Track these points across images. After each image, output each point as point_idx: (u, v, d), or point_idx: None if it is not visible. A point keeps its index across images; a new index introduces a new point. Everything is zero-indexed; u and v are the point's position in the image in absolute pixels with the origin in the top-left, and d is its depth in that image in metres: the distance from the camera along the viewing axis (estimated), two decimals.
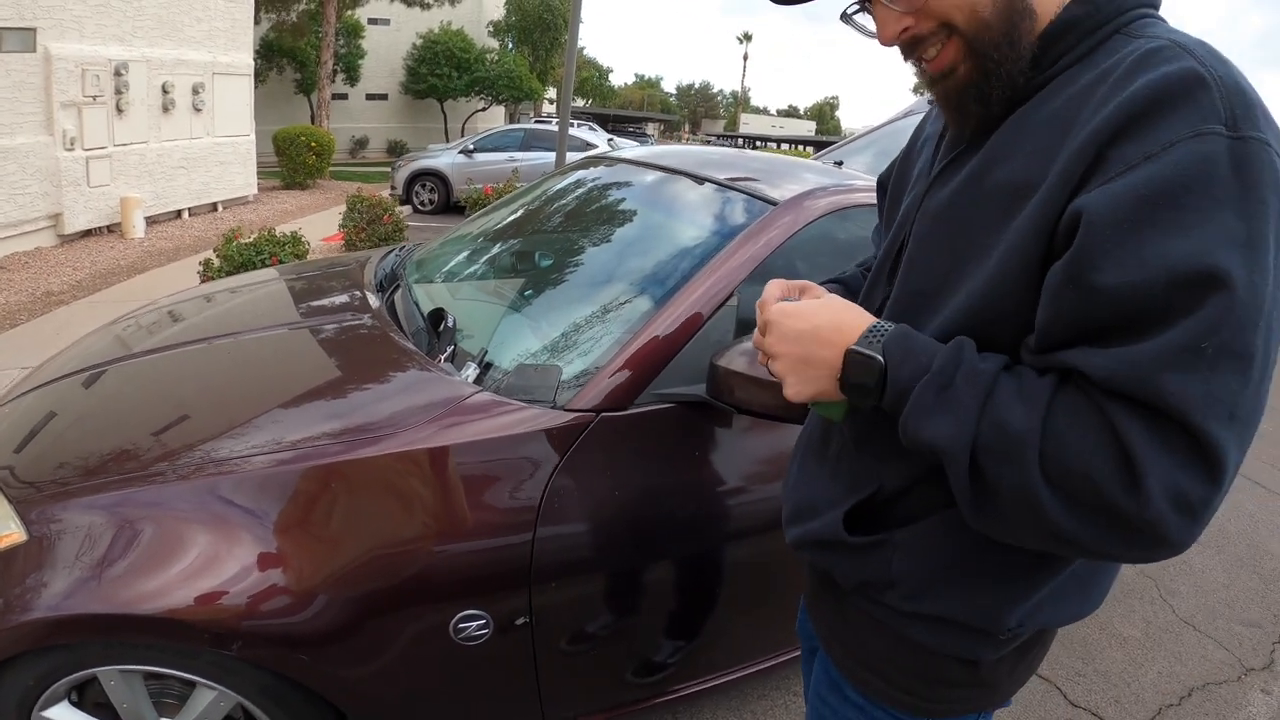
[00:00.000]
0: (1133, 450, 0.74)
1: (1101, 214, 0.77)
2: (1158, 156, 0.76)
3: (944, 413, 0.84)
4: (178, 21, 11.91)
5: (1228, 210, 0.74)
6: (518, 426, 1.76)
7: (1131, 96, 0.80)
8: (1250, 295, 0.73)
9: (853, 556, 1.06)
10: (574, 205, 2.94)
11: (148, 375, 2.21)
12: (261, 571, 1.54)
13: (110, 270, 8.42)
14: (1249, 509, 5.04)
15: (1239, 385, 0.74)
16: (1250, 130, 0.76)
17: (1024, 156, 0.89)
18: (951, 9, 0.90)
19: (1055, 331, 0.82)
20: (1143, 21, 0.91)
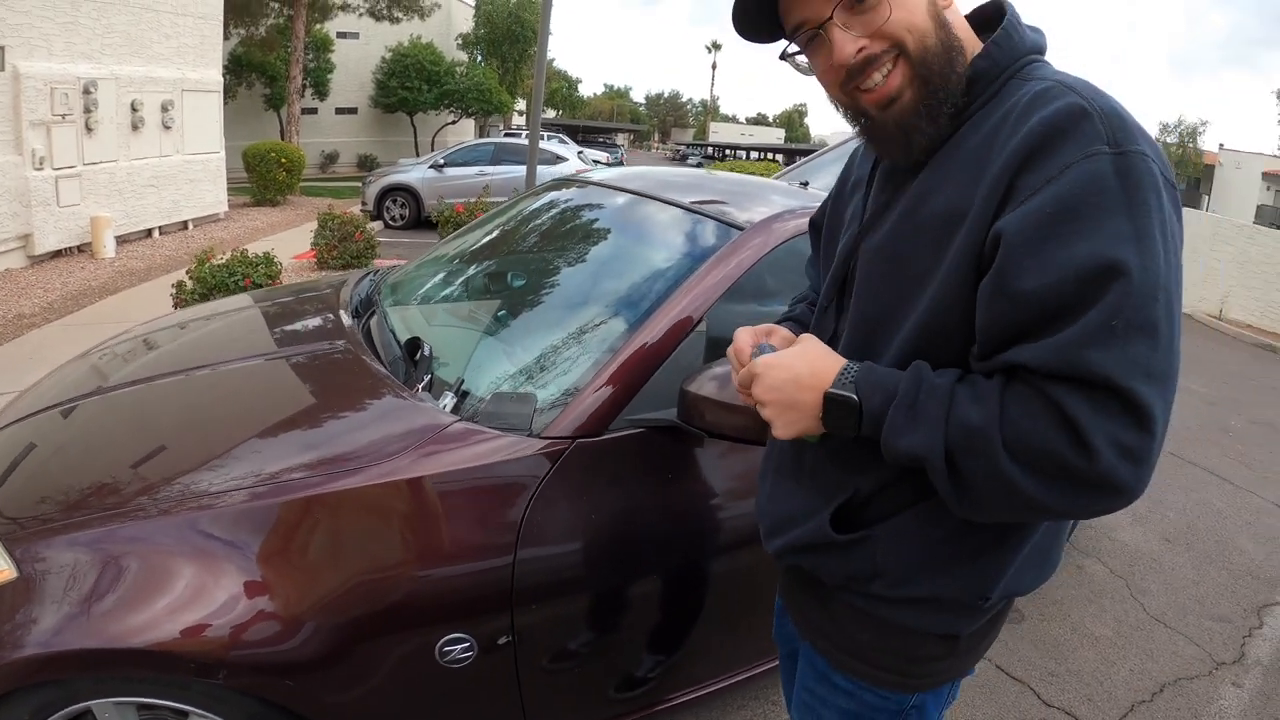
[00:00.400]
0: (1076, 418, 0.89)
1: (1016, 232, 0.94)
2: (1057, 179, 0.93)
3: (916, 427, 0.99)
4: (146, 38, 11.84)
5: (1118, 214, 0.91)
6: (495, 455, 1.80)
7: (1030, 131, 0.96)
8: (1144, 277, 0.89)
9: (839, 554, 1.18)
10: (545, 230, 2.98)
11: (126, 408, 2.22)
12: (245, 602, 1.57)
13: (82, 291, 8.35)
14: (1217, 505, 5.17)
15: (1149, 349, 0.89)
16: (1129, 145, 0.93)
17: (951, 190, 1.04)
18: (904, 31, 1.04)
19: (993, 334, 0.97)
20: (1031, 66, 1.09)
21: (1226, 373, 9.85)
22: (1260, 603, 3.96)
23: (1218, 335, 13.07)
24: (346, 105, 32.41)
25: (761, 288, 2.17)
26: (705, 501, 2.06)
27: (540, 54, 9.72)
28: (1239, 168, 42.25)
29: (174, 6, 12.41)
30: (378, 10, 27.56)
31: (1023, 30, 1.11)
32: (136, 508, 1.68)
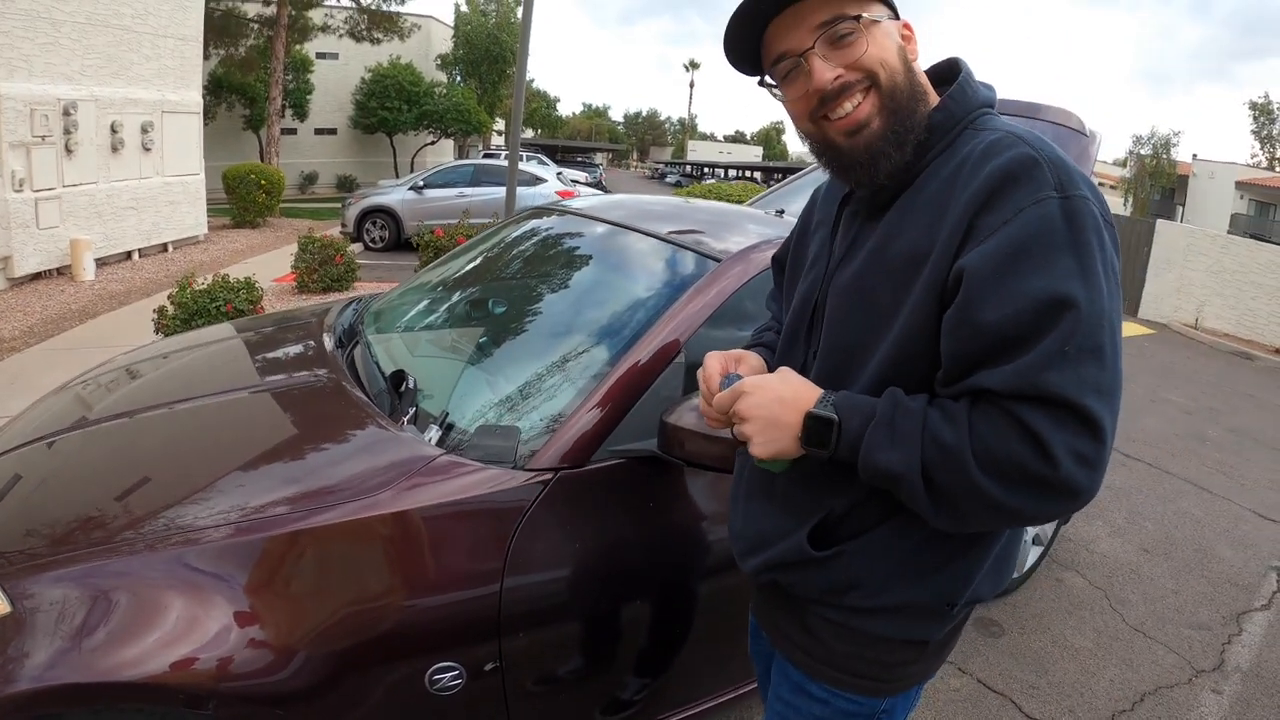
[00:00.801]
0: (1039, 432, 0.99)
1: (977, 269, 1.04)
2: (1012, 220, 1.04)
3: (894, 446, 1.08)
4: (127, 59, 11.84)
5: (1067, 253, 1.02)
6: (480, 488, 1.83)
7: (987, 177, 1.08)
8: (1091, 308, 1.01)
9: (816, 569, 1.26)
10: (525, 259, 3.01)
11: (111, 441, 2.22)
12: (234, 634, 1.57)
13: (62, 315, 8.32)
14: (1195, 514, 5.23)
15: (1098, 369, 1.00)
16: (1073, 190, 1.05)
17: (914, 233, 1.15)
18: (877, 65, 1.16)
19: (958, 360, 1.07)
20: (983, 118, 1.21)
21: (1203, 382, 9.96)
22: (1239, 609, 4.02)
23: (1194, 344, 13.22)
24: (326, 126, 32.42)
25: (740, 317, 2.20)
26: (686, 529, 2.11)
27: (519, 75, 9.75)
28: (1212, 177, 42.79)
29: (154, 28, 12.43)
30: (357, 31, 27.59)
31: (975, 86, 1.24)
32: (123, 542, 1.68)
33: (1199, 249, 14.92)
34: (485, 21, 38.12)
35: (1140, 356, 11.20)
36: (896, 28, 1.20)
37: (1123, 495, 5.39)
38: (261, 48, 25.25)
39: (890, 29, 1.18)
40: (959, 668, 3.24)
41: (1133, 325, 14.25)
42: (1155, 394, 8.71)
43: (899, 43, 1.19)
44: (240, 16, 24.93)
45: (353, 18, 27.39)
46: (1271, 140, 47.68)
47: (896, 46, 1.18)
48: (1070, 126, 3.23)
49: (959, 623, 1.36)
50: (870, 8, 1.17)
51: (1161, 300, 15.20)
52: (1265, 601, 4.15)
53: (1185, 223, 31.76)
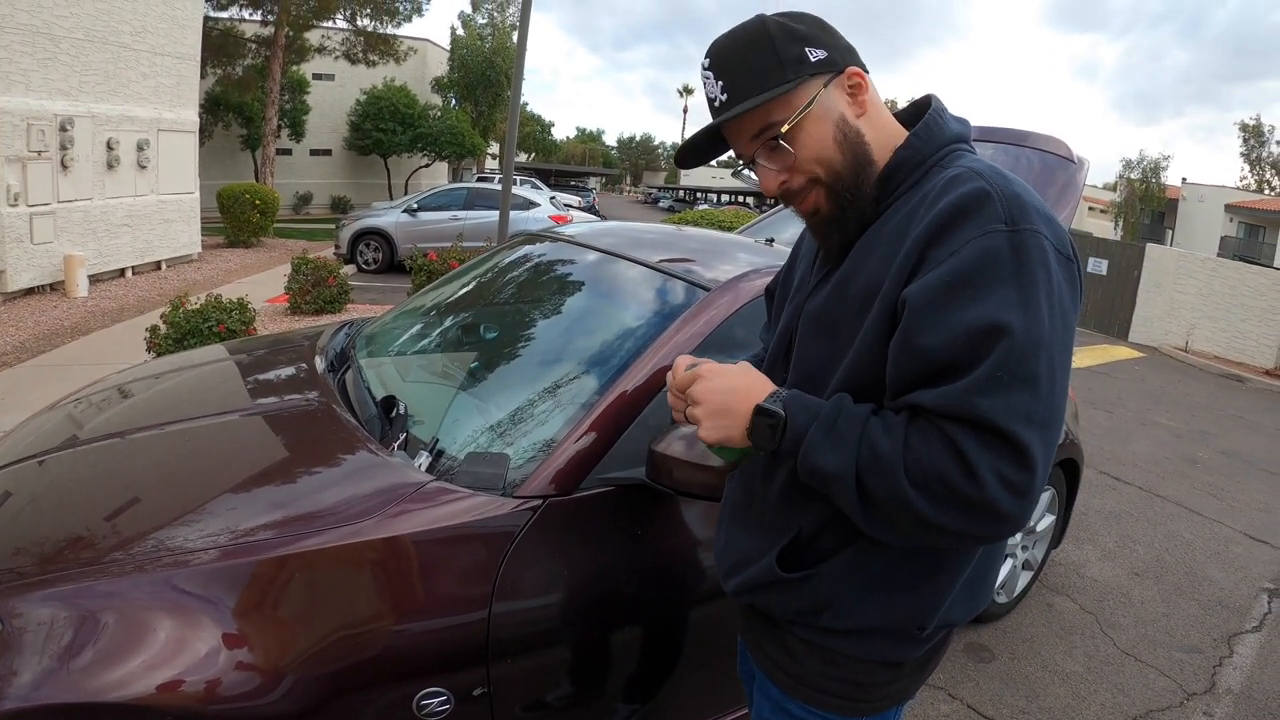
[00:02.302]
0: (966, 452, 1.02)
1: (918, 298, 1.08)
2: (958, 252, 1.07)
3: (832, 447, 1.11)
4: (124, 76, 11.89)
5: (1008, 283, 1.04)
6: (469, 514, 1.83)
7: (939, 212, 1.11)
8: (1027, 337, 1.02)
9: (788, 591, 1.29)
10: (517, 285, 3.02)
11: (101, 461, 2.22)
12: (222, 657, 1.57)
13: (54, 331, 8.31)
14: (1186, 537, 5.24)
15: (1031, 397, 1.02)
16: (1024, 224, 1.07)
17: (873, 266, 1.19)
18: (814, 167, 1.22)
19: (899, 383, 1.10)
20: (953, 155, 1.24)
21: (1193, 404, 10.00)
22: (1230, 632, 4.02)
23: (1185, 367, 13.28)
24: (321, 147, 32.53)
25: (730, 345, 2.21)
26: (675, 557, 2.11)
27: (514, 99, 9.82)
28: (1202, 201, 43.00)
29: (152, 45, 12.49)
30: (353, 53, 27.74)
31: (944, 122, 1.27)
32: (112, 562, 1.68)
33: (1189, 272, 15.02)
34: (481, 45, 38.34)
35: (1131, 380, 11.25)
36: (836, 95, 1.21)
37: (1113, 519, 5.40)
38: (259, 68, 25.37)
39: (826, 108, 1.21)
40: (949, 693, 3.24)
41: (1123, 349, 14.32)
42: (1145, 417, 8.74)
43: (838, 117, 1.21)
44: (238, 36, 25.08)
45: (349, 39, 27.55)
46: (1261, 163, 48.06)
47: (833, 128, 1.21)
48: (1058, 154, 3.25)
49: (936, 645, 1.37)
50: (800, 95, 1.20)
51: (1152, 323, 15.28)
52: (1256, 623, 4.16)
53: (1175, 246, 31.95)
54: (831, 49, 1.21)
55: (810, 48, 1.19)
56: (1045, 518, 3.91)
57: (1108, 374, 11.52)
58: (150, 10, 12.34)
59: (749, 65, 1.19)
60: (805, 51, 1.19)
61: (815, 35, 1.20)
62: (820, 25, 1.23)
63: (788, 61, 1.18)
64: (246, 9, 24.18)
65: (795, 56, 1.18)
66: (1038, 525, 3.85)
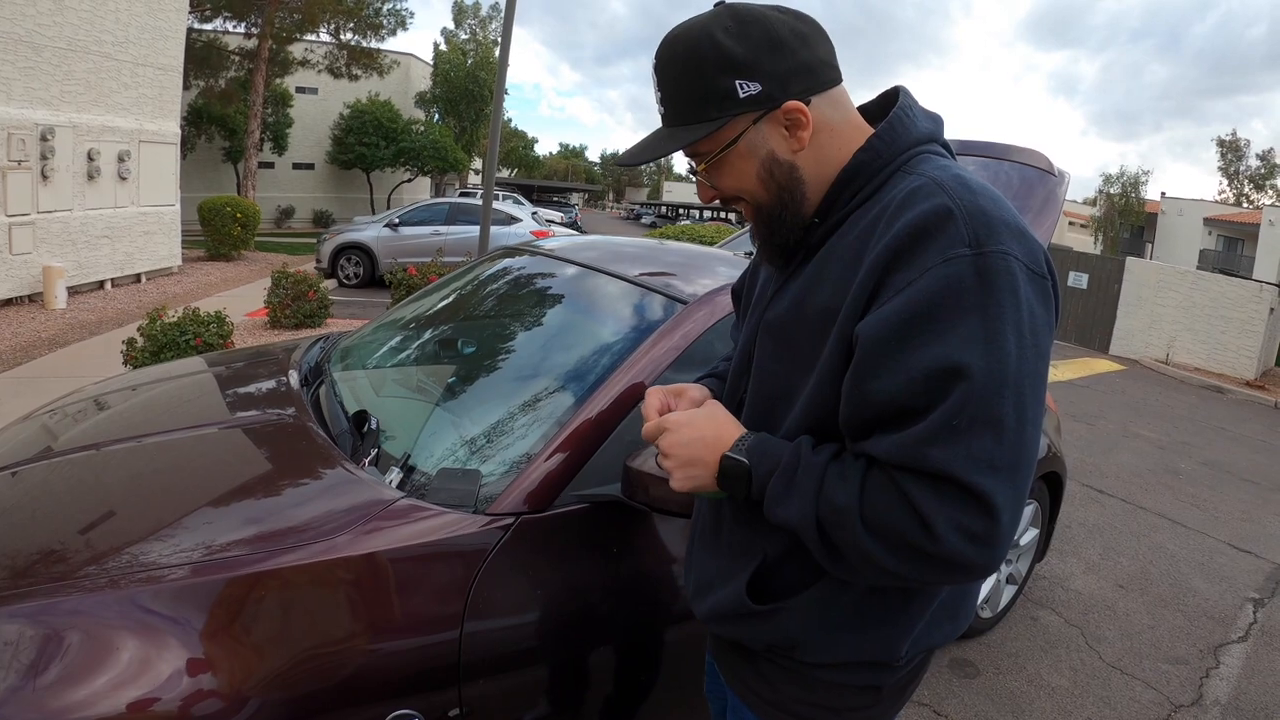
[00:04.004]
0: (920, 507, 0.97)
1: (871, 336, 1.01)
2: (915, 283, 0.99)
3: (791, 500, 1.08)
4: (106, 87, 11.82)
5: (971, 316, 0.97)
6: (440, 532, 1.79)
7: (896, 234, 1.02)
8: (988, 378, 0.96)
9: (757, 624, 1.24)
10: (493, 301, 3.00)
11: (76, 473, 2.18)
12: (192, 676, 1.53)
13: (32, 343, 8.22)
14: (1170, 549, 5.25)
15: (994, 443, 0.96)
16: (991, 245, 0.99)
17: (830, 286, 1.12)
18: (738, 191, 1.19)
19: (851, 426, 1.06)
20: (918, 159, 1.14)
21: (1175, 416, 10.06)
22: (1216, 642, 4.02)
23: (1166, 380, 13.37)
24: (304, 160, 32.44)
25: (708, 359, 2.18)
26: (650, 574, 2.07)
27: (495, 114, 9.82)
28: (1181, 214, 43.42)
29: (134, 56, 12.43)
30: (337, 67, 27.73)
31: (912, 120, 1.17)
32: (83, 577, 1.64)
33: (1169, 285, 15.15)
34: (464, 60, 38.39)
35: (1112, 392, 11.30)
36: (767, 132, 1.14)
37: (1097, 531, 5.41)
38: (242, 80, 25.35)
39: (752, 146, 1.14)
40: (934, 710, 3.21)
41: (1104, 362, 14.41)
42: (1127, 429, 8.78)
43: (765, 155, 1.14)
44: (221, 48, 25.03)
45: (333, 53, 27.54)
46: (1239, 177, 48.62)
47: (758, 166, 1.15)
48: (1038, 166, 3.25)
49: (915, 668, 1.34)
50: (725, 132, 1.14)
51: (1133, 336, 15.39)
52: (1242, 634, 4.16)
53: (1155, 260, 32.23)
54: (770, 78, 1.10)
55: (743, 80, 1.10)
56: (1029, 531, 3.90)
57: (1089, 387, 11.58)
58: (133, 20, 12.28)
59: (681, 88, 1.14)
60: (735, 86, 1.10)
61: (754, 61, 1.10)
62: (770, 41, 1.10)
63: (714, 97, 1.11)
64: (230, 21, 24.15)
65: (723, 91, 1.10)
66: (1021, 539, 3.84)
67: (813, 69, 1.12)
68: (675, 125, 1.16)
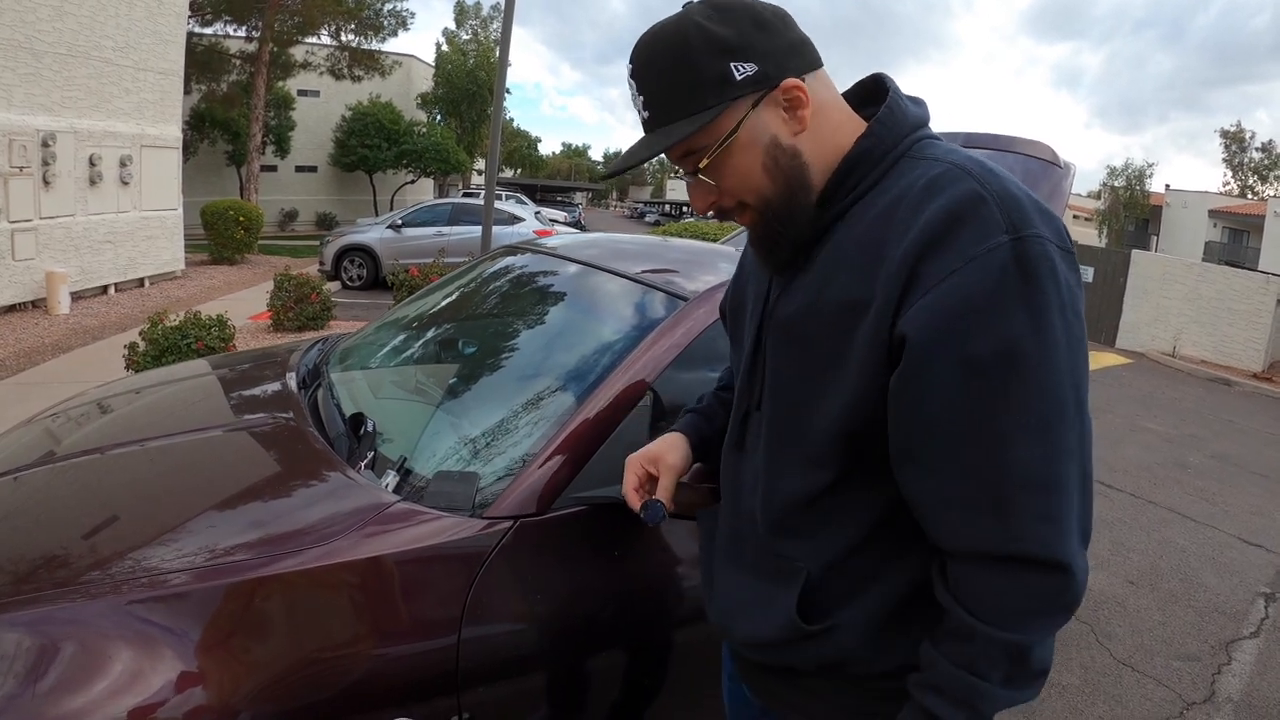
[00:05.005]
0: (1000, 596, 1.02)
1: (918, 339, 0.96)
2: (958, 272, 0.94)
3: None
4: (107, 92, 11.84)
5: (1019, 307, 0.94)
6: (437, 536, 1.76)
7: (930, 221, 0.97)
8: (1043, 370, 0.95)
9: (811, 646, 1.17)
10: (494, 301, 2.97)
11: (79, 477, 2.17)
12: (192, 685, 1.51)
13: (35, 348, 8.23)
14: (1180, 543, 5.21)
15: (1053, 493, 1.00)
16: (1026, 229, 0.96)
17: (848, 276, 1.06)
18: (743, 193, 1.11)
19: (898, 437, 1.02)
20: (921, 145, 1.10)
21: (1183, 409, 10.01)
22: (1228, 638, 3.98)
23: (1172, 372, 13.31)
24: (306, 163, 32.51)
25: (710, 356, 2.15)
26: (652, 577, 2.03)
27: (496, 113, 9.81)
28: (1186, 207, 43.39)
29: (135, 61, 12.44)
30: (338, 69, 27.77)
31: (904, 106, 1.13)
32: (86, 582, 1.63)
33: (1174, 277, 15.08)
34: (465, 61, 38.40)
35: (1119, 386, 11.26)
36: (768, 116, 1.07)
37: (1106, 527, 5.37)
38: (243, 84, 25.37)
39: (755, 133, 1.07)
40: None
41: (1110, 355, 14.36)
42: (1135, 423, 8.74)
43: (768, 141, 1.07)
44: (222, 52, 25.08)
45: (334, 55, 27.58)
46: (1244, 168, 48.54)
47: (762, 155, 1.08)
48: (1043, 158, 3.22)
49: None
50: (724, 121, 1.06)
51: (1139, 329, 15.33)
52: (1254, 629, 4.13)
53: (1160, 252, 32.16)
54: (765, 57, 1.04)
55: (737, 62, 1.03)
56: None
57: (1096, 380, 11.51)
58: (134, 26, 12.29)
59: (667, 83, 1.06)
60: (730, 69, 1.03)
61: (745, 42, 1.03)
62: (755, 21, 1.04)
63: (708, 83, 1.04)
64: (231, 25, 24.20)
65: (718, 76, 1.03)
66: None
67: (800, 48, 1.08)
68: (670, 121, 1.08)
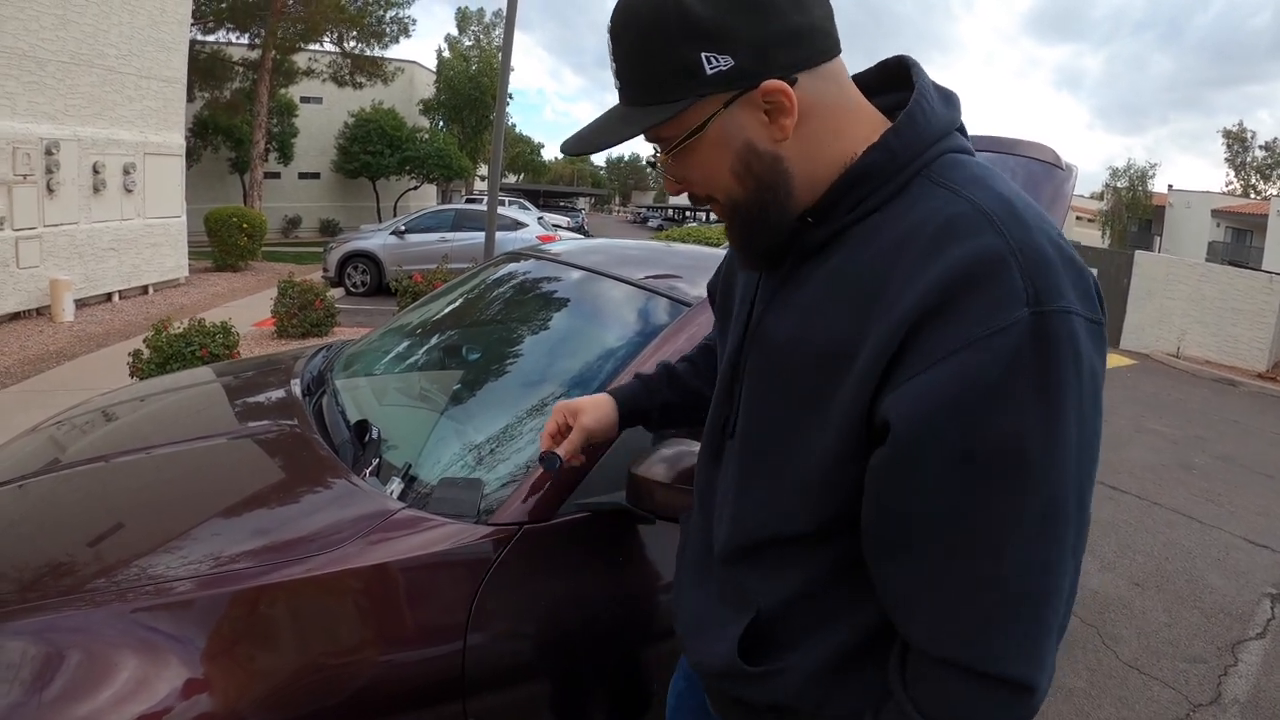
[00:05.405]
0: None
1: (910, 422, 0.82)
2: (959, 354, 0.79)
3: None
4: (110, 100, 11.86)
5: (1029, 397, 0.79)
6: (442, 543, 1.76)
7: (938, 279, 0.82)
8: (1049, 472, 0.80)
9: (755, 684, 1.08)
10: (497, 307, 2.97)
11: (83, 484, 2.18)
12: (195, 692, 1.51)
13: (40, 356, 8.24)
14: (1186, 545, 5.20)
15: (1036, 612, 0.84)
16: (1051, 302, 0.80)
17: (839, 314, 0.92)
18: (707, 187, 0.99)
19: (874, 525, 0.90)
20: (945, 160, 0.94)
21: (1188, 410, 9.99)
22: (1234, 639, 3.97)
23: (1177, 373, 13.29)
24: (309, 170, 32.60)
25: None
26: (657, 584, 2.02)
27: (498, 119, 9.82)
28: (1189, 207, 43.35)
29: (138, 69, 12.47)
30: (340, 75, 27.83)
31: (932, 107, 0.96)
32: (92, 590, 1.63)
33: (1178, 278, 15.06)
34: (467, 67, 38.46)
35: (1124, 387, 11.23)
36: (743, 117, 0.93)
37: (1111, 529, 5.36)
38: (246, 91, 25.44)
39: (725, 133, 0.94)
40: None
41: (1115, 356, 14.32)
42: (1140, 424, 8.72)
43: (741, 144, 0.94)
44: (225, 59, 25.16)
45: (336, 62, 27.65)
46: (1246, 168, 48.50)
47: (732, 158, 0.95)
48: (1046, 160, 3.21)
49: None
50: (690, 115, 0.93)
51: (1143, 331, 15.30)
52: (1260, 630, 4.12)
53: (1163, 253, 32.11)
54: (746, 49, 0.89)
55: (712, 52, 0.88)
56: None
57: None
58: (137, 34, 12.32)
59: (637, 59, 0.94)
60: (702, 60, 0.89)
61: (726, 26, 0.88)
62: (749, 3, 0.88)
63: (674, 73, 0.91)
64: (233, 32, 24.30)
65: (687, 66, 0.89)
66: None
67: (802, 37, 0.90)
68: (632, 105, 0.96)
